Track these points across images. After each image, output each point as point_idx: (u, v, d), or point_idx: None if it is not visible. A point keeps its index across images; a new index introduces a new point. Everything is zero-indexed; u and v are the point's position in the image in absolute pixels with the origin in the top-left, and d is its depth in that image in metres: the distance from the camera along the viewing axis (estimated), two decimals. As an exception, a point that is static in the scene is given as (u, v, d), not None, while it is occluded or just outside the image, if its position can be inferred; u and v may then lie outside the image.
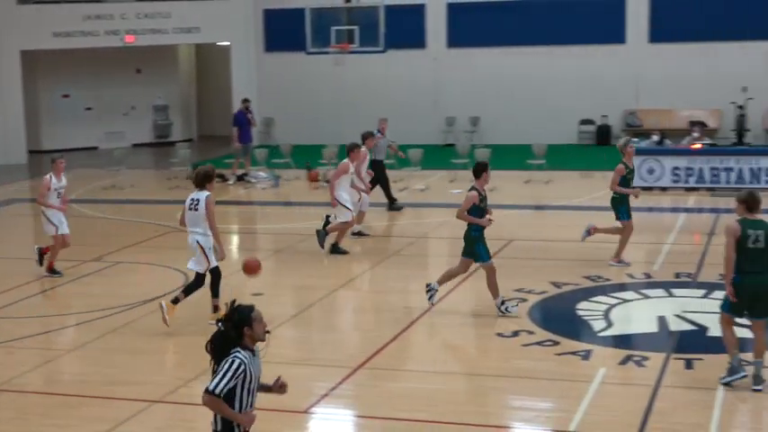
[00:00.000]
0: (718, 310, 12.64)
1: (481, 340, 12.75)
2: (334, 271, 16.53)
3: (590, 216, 20.72)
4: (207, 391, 6.68)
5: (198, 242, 12.87)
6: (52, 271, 16.22)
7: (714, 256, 16.58)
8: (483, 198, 13.23)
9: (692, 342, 12.12)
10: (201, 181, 12.88)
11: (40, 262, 16.36)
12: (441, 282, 13.66)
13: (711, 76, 30.83)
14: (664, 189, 23.41)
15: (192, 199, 12.86)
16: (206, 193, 12.79)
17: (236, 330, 6.76)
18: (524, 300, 13.99)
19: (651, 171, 23.60)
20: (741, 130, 29.41)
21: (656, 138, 25.68)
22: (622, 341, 12.21)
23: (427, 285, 13.64)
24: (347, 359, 11.68)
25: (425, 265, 17.29)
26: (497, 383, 10.99)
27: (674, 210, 21.14)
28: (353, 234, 18.58)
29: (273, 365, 7.98)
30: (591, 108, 32.26)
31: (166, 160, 30.13)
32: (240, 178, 26.92)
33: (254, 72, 34.83)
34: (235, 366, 6.66)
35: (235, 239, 20.11)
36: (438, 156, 29.66)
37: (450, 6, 33.70)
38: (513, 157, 28.16)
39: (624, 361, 11.36)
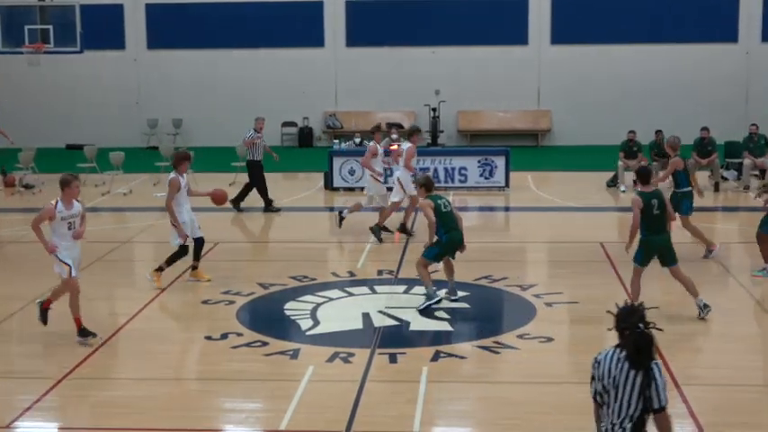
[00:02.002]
0: (420, 305, 13.28)
1: (190, 344, 12.67)
2: (33, 279, 15.89)
3: (295, 217, 21.05)
4: (662, 408, 6.43)
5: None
6: (83, 332, 12.28)
7: (414, 253, 17.26)
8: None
9: (395, 337, 12.54)
10: (174, 164, 14.89)
11: (44, 320, 12.60)
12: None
13: (406, 80, 31.99)
14: (364, 189, 24.02)
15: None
16: (172, 174, 14.74)
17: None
18: (232, 302, 14.02)
19: (352, 172, 24.22)
20: (435, 131, 30.69)
21: (357, 140, 26.37)
22: (329, 339, 12.45)
23: None
24: (51, 370, 11.30)
25: (130, 271, 16.98)
26: (207, 387, 10.95)
27: (375, 209, 21.76)
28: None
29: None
30: (293, 110, 32.70)
31: None
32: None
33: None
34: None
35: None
36: (141, 158, 29.15)
37: (149, 8, 33.22)
38: (218, 159, 28.10)
39: (331, 358, 11.60)
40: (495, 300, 14.44)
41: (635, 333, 6.47)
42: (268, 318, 13.58)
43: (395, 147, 24.88)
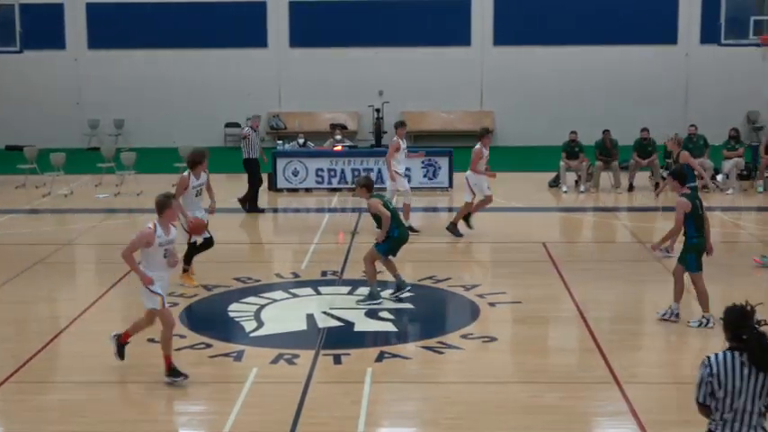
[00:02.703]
0: (363, 306, 13.29)
1: (133, 347, 12.55)
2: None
3: (239, 218, 20.97)
4: None
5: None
6: (173, 372, 10.86)
7: (358, 253, 17.28)
8: None
9: (339, 338, 12.54)
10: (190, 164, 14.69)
11: (122, 355, 11.42)
12: None
13: (350, 80, 32.01)
14: (308, 190, 24.06)
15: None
16: (184, 173, 14.68)
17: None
18: (176, 304, 13.93)
19: (296, 173, 24.20)
20: (379, 132, 30.72)
21: (300, 140, 26.33)
22: (273, 340, 12.42)
23: None
24: (-9, 374, 11.15)
25: (72, 273, 16.81)
26: (150, 389, 10.87)
27: (319, 210, 21.78)
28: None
29: None
30: (236, 111, 32.56)
31: None
32: None
33: None
34: None
35: None
36: (82, 159, 28.86)
37: (89, 7, 32.93)
38: (160, 160, 27.91)
39: (276, 360, 11.57)
40: (439, 300, 14.49)
41: (755, 335, 6.37)
42: (212, 320, 13.51)
43: (339, 147, 24.91)
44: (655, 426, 9.54)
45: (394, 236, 13.82)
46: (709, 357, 6.58)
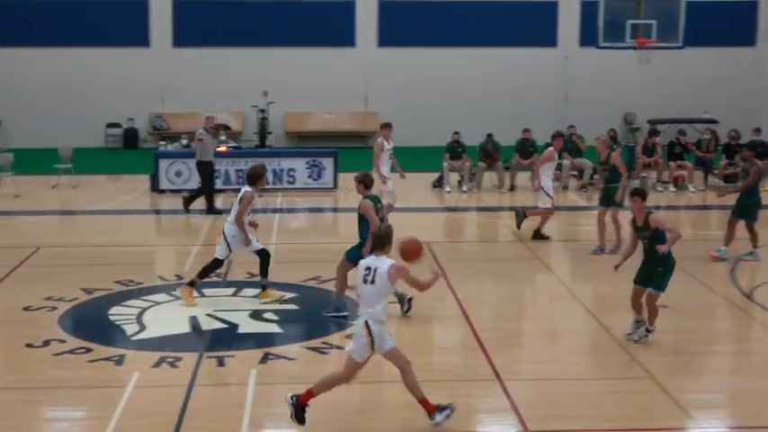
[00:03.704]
0: (247, 308, 13.23)
1: (10, 353, 12.27)
2: None
3: (121, 220, 20.65)
4: None
5: (223, 230, 13.95)
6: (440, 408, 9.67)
7: (241, 255, 17.17)
8: None
9: (223, 340, 12.45)
10: (252, 180, 13.88)
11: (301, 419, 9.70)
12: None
13: (234, 80, 31.78)
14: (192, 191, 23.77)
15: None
16: (248, 188, 13.79)
17: None
18: (54, 308, 13.65)
19: (179, 174, 23.92)
20: (263, 132, 30.60)
21: (183, 141, 26.03)
22: (156, 344, 12.26)
23: None
24: None
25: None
26: (29, 396, 10.63)
27: (202, 211, 21.54)
28: None
29: None
30: (117, 111, 32.05)
31: None
32: None
33: None
34: None
35: None
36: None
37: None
38: (39, 161, 27.28)
39: (158, 363, 11.43)
40: (323, 300, 14.47)
41: None
42: (92, 324, 13.25)
43: (223, 148, 24.71)
44: (535, 421, 9.71)
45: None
46: None
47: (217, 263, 14.10)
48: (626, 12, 26.33)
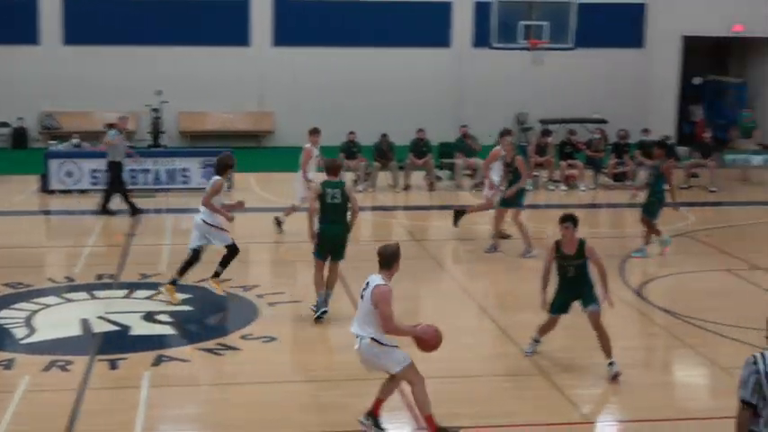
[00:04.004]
0: (140, 309, 13.11)
1: None
2: None
3: (9, 221, 20.23)
4: None
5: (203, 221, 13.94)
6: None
7: (134, 256, 16.99)
8: None
9: (115, 342, 12.30)
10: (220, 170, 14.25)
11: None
12: None
13: (126, 79, 31.33)
14: (83, 192, 23.37)
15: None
16: (217, 177, 14.14)
17: None
18: (-60, 312, 13.32)
19: (70, 174, 23.49)
20: (157, 132, 30.23)
21: (75, 140, 25.59)
22: (46, 347, 12.05)
23: None
24: None
25: None
26: None
27: (95, 212, 21.20)
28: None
29: None
30: (5, 110, 31.32)
31: None
32: None
33: None
34: None
35: None
36: None
37: None
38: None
39: (48, 367, 11.24)
40: (217, 301, 14.39)
41: None
42: (-20, 327, 12.98)
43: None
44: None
45: (318, 233, 13.33)
46: (754, 356, 6.55)
47: (196, 255, 14.13)
48: (518, 13, 26.64)
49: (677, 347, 12.65)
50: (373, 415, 9.51)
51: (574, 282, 11.18)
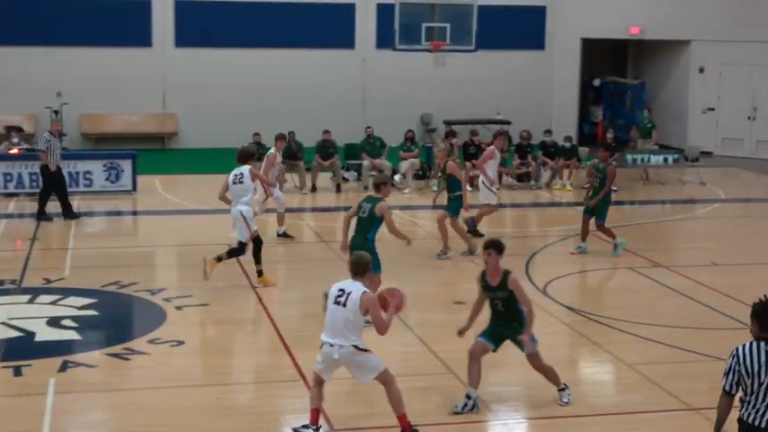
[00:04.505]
0: (44, 315, 12.89)
1: None
2: None
3: None
4: None
5: (241, 212, 14.79)
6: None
7: (37, 260, 16.69)
8: None
9: (19, 349, 12.08)
10: (244, 158, 15.10)
11: None
12: None
13: (25, 81, 30.73)
14: (-19, 195, 22.86)
15: (236, 174, 14.99)
16: (247, 167, 14.91)
17: None
18: None
19: (-34, 177, 22.96)
20: (58, 134, 29.67)
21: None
22: (-54, 355, 11.80)
23: None
24: None
25: None
26: None
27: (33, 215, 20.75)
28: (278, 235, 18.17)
29: None
30: None
31: None
32: None
33: None
34: None
35: None
36: None
37: None
38: None
39: (-50, 375, 11.01)
40: (124, 306, 14.25)
41: None
42: None
43: (15, 150, 23.89)
44: (340, 420, 9.85)
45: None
46: (737, 348, 7.14)
47: (242, 246, 15.02)
48: (421, 15, 26.80)
49: (582, 345, 12.89)
50: (313, 426, 9.42)
51: (504, 317, 10.22)
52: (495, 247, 10.07)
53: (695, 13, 32.21)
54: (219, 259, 14.85)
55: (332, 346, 9.25)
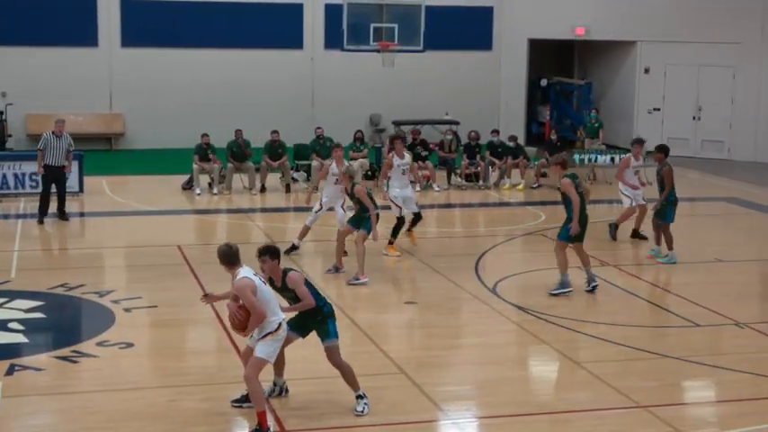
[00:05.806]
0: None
1: None
2: None
3: None
4: None
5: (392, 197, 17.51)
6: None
7: (23, 261, 16.49)
8: None
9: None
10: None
11: None
12: None
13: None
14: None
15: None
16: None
17: None
18: None
19: None
20: (3, 135, 29.39)
21: None
22: None
23: None
24: None
25: None
26: None
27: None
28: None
29: None
30: None
31: None
32: None
33: None
34: None
35: None
36: None
37: None
38: None
39: None
40: (72, 308, 14.12)
41: None
42: None
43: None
44: (290, 420, 9.85)
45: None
46: None
47: (400, 221, 17.44)
48: (369, 15, 26.83)
49: (532, 344, 12.96)
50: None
51: (301, 314, 10.43)
52: (270, 253, 10.30)
53: (640, 13, 32.52)
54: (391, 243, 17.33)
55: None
